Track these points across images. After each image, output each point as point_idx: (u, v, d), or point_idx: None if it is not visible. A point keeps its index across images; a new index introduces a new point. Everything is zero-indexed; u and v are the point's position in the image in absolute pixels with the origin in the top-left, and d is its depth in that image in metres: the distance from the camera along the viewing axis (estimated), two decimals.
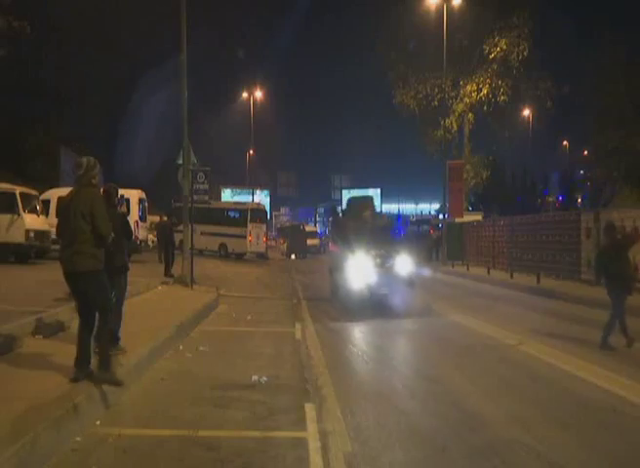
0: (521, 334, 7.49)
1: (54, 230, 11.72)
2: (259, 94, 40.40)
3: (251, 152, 45.21)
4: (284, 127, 62.46)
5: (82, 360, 4.35)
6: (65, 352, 5.17)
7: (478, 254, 19.51)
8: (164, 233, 13.21)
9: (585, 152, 35.62)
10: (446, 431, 3.98)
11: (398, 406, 4.58)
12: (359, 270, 9.61)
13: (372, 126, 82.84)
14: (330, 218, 17.75)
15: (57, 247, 12.72)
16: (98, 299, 4.33)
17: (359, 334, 8.02)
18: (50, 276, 9.77)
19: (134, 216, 14.94)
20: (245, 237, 25.38)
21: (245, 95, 40.75)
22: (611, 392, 4.89)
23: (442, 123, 24.83)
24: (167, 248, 12.98)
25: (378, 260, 9.90)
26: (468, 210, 27.51)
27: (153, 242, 13.00)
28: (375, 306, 9.53)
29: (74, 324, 6.29)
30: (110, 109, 37.71)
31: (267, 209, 37.04)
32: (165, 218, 14.49)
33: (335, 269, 11.16)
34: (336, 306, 10.49)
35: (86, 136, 34.40)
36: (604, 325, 6.60)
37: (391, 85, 27.56)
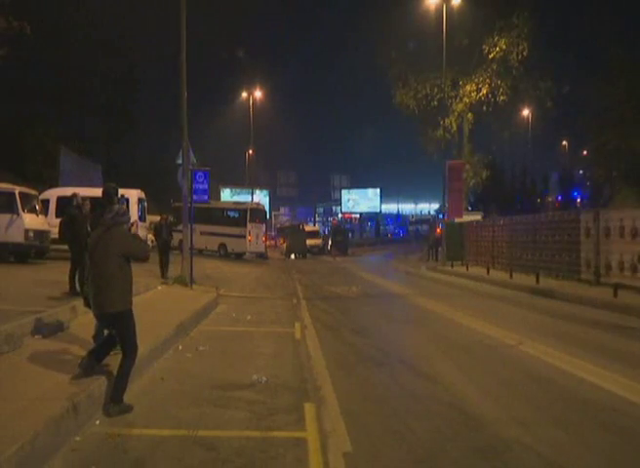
0: (521, 334, 7.50)
1: (53, 230, 11.76)
2: (258, 93, 40.38)
3: (250, 152, 45.21)
4: (284, 127, 62.59)
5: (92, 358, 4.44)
6: (65, 352, 5.19)
7: (477, 254, 19.51)
8: (159, 233, 13.07)
9: (585, 152, 35.67)
10: (446, 431, 3.98)
11: (397, 406, 4.57)
12: None
13: (372, 126, 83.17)
14: None
15: (56, 246, 12.78)
16: (124, 338, 4.40)
17: (357, 334, 8.00)
18: (49, 276, 9.77)
19: (133, 216, 14.89)
20: (244, 237, 25.38)
21: (245, 94, 40.71)
22: (611, 392, 4.89)
23: (442, 123, 24.83)
24: (161, 249, 12.75)
25: None
26: (468, 209, 27.51)
27: (153, 242, 12.91)
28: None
29: (73, 323, 6.32)
30: (111, 109, 37.73)
31: (267, 208, 37.01)
32: (164, 218, 14.36)
33: None
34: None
35: (86, 135, 34.46)
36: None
37: (391, 85, 27.58)
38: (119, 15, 35.81)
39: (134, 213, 15.80)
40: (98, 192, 6.37)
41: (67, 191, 12.08)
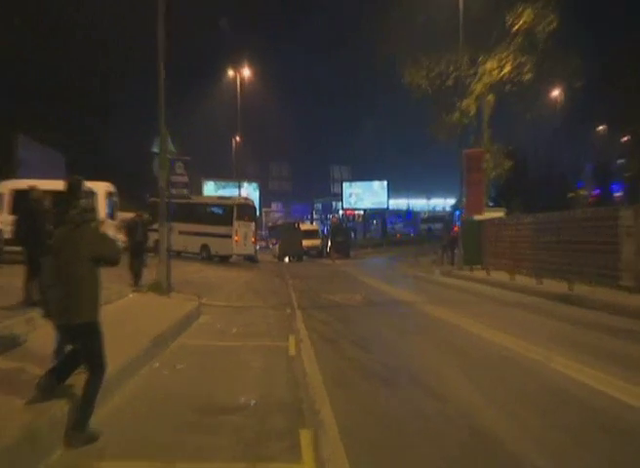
0: (547, 348, 7.48)
1: (6, 229, 11.64)
2: (247, 72, 40.23)
3: (237, 139, 45.14)
4: (276, 111, 62.60)
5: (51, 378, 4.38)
6: (20, 370, 5.14)
7: (500, 257, 19.49)
8: (132, 233, 12.96)
9: (625, 138, 35.60)
10: (459, 456, 3.95)
11: (405, 429, 4.54)
12: None
13: (377, 110, 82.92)
14: None
15: (10, 248, 12.68)
16: (91, 354, 4.35)
17: (360, 348, 7.97)
18: (2, 282, 9.69)
19: (101, 214, 14.81)
20: (230, 237, 25.35)
21: (232, 74, 40.51)
22: None
23: (458, 105, 24.80)
24: (133, 251, 12.65)
25: None
26: (489, 205, 27.46)
27: (124, 243, 12.86)
28: None
29: (30, 337, 6.26)
30: (80, 96, 37.59)
31: (257, 204, 36.99)
32: (139, 215, 14.27)
33: None
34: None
35: (53, 123, 34.28)
36: None
37: (399, 63, 27.51)
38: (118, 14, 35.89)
39: (102, 209, 15.78)
40: (60, 185, 6.34)
41: (24, 184, 12.02)
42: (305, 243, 34.35)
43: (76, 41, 35.65)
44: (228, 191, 48.50)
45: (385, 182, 60.01)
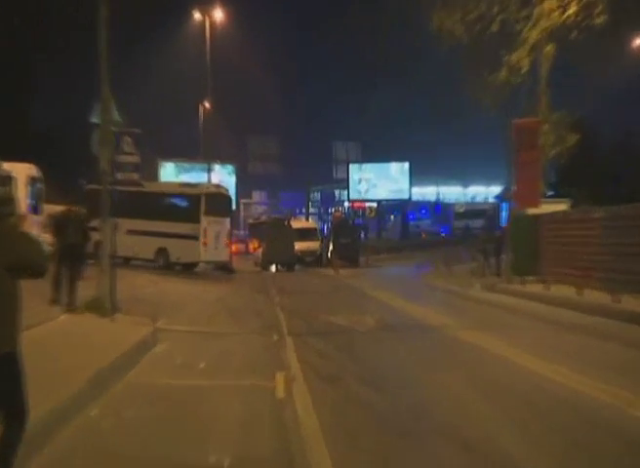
0: (633, 392, 7.48)
1: None
2: (219, 16, 40.02)
3: (207, 106, 45.10)
4: (260, 70, 62.54)
5: None
6: None
7: (563, 265, 19.46)
8: (62, 231, 12.87)
9: None
10: None
11: None
12: None
13: (394, 70, 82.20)
14: None
15: None
16: (11, 395, 4.29)
17: (371, 388, 7.98)
18: None
19: (21, 206, 14.82)
20: (197, 238, 25.36)
21: (198, 17, 40.24)
22: None
23: (505, 59, 24.81)
24: (62, 257, 12.46)
25: None
26: (547, 195, 27.46)
27: (52, 245, 12.82)
28: None
29: None
30: None
31: (232, 194, 36.98)
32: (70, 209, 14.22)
33: None
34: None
35: None
36: None
37: (425, 5, 27.51)
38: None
39: (22, 199, 15.78)
40: None
41: None
42: (299, 246, 34.36)
43: None
44: (194, 176, 48.49)
45: (407, 164, 59.88)
